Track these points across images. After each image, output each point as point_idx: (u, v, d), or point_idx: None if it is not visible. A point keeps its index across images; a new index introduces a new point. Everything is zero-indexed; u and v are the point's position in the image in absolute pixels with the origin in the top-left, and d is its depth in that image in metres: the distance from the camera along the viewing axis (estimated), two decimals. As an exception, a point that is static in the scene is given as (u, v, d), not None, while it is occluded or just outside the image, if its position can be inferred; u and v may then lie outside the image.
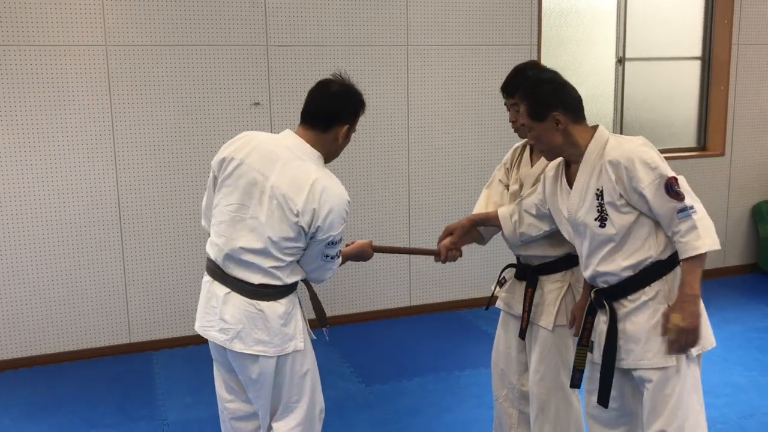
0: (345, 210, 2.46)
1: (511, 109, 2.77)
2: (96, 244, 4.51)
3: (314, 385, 2.67)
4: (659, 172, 2.24)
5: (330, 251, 2.49)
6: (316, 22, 4.77)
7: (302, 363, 2.57)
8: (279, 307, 2.46)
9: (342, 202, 2.45)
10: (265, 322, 2.45)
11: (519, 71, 2.76)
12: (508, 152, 3.00)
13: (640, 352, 2.32)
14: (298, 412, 2.61)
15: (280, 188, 2.38)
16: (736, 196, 6.19)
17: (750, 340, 4.71)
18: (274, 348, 2.48)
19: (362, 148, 4.99)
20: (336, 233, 2.45)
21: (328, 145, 2.52)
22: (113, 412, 3.86)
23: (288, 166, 2.41)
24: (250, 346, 2.46)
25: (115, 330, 4.63)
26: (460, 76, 5.17)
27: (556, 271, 2.78)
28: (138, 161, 4.53)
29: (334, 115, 2.51)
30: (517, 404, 3.01)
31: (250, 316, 2.45)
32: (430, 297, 5.34)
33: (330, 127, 2.50)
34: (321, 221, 2.38)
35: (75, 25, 4.29)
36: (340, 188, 2.47)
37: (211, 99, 4.61)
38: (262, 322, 2.45)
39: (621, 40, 5.79)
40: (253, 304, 2.45)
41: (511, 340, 2.97)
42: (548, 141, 2.40)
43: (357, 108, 2.58)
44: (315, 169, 2.43)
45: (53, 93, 4.31)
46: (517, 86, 2.70)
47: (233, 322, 2.45)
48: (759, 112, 6.13)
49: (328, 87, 2.55)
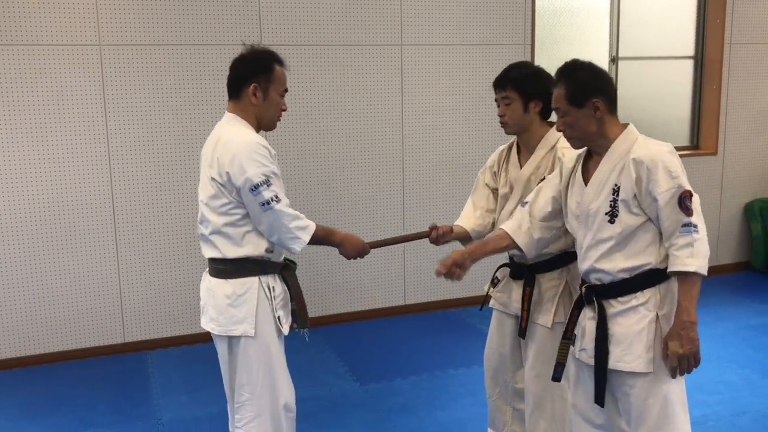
0: (254, 151, 2.47)
1: (501, 103, 2.76)
2: (90, 243, 4.51)
3: (272, 378, 2.62)
4: (678, 182, 2.24)
5: (259, 197, 2.47)
6: (310, 22, 4.77)
7: (255, 351, 2.58)
8: (227, 287, 2.58)
9: (246, 146, 2.48)
10: (215, 299, 2.60)
11: (513, 67, 2.78)
12: (493, 155, 2.99)
13: (619, 354, 2.31)
14: (253, 406, 2.60)
15: (203, 156, 2.61)
16: (728, 195, 6.23)
17: (743, 337, 4.74)
18: (220, 327, 2.60)
19: (356, 146, 5.00)
20: (251, 175, 2.44)
21: (246, 109, 2.60)
22: (108, 412, 3.86)
23: (212, 137, 2.59)
24: (206, 322, 2.66)
25: (110, 329, 4.63)
26: (454, 74, 5.19)
27: (552, 269, 2.79)
28: (132, 161, 4.52)
29: (236, 78, 2.60)
30: (510, 401, 3.03)
31: (208, 293, 2.64)
32: (424, 296, 5.35)
33: (240, 91, 2.59)
34: (228, 166, 2.47)
35: (69, 24, 4.28)
36: (247, 136, 2.51)
37: (205, 98, 4.61)
38: (213, 299, 2.61)
39: (614, 39, 5.81)
40: (211, 281, 2.63)
41: (506, 338, 2.98)
42: (583, 128, 2.34)
43: (258, 64, 2.60)
44: (227, 129, 2.56)
45: (47, 92, 4.30)
46: (510, 80, 2.72)
47: (202, 300, 2.67)
48: (751, 111, 6.16)
49: (235, 58, 2.66)
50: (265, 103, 2.59)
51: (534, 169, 2.76)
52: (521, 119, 2.74)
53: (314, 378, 4.20)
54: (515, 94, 2.71)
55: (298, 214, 2.57)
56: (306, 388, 3.90)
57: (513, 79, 2.73)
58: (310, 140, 4.87)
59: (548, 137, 2.76)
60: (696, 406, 3.80)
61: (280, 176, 2.57)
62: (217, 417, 3.72)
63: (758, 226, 6.14)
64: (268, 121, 2.64)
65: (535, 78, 2.75)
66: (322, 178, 4.95)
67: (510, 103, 2.73)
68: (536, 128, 2.77)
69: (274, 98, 2.60)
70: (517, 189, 2.81)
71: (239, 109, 2.60)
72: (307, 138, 4.86)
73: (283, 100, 2.64)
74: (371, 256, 3.00)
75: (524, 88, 2.71)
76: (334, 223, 5.00)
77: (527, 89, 2.71)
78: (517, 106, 2.72)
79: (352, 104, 4.95)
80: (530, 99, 2.72)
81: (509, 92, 2.72)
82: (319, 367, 4.36)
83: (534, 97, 2.71)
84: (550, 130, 2.77)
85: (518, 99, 2.71)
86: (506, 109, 2.74)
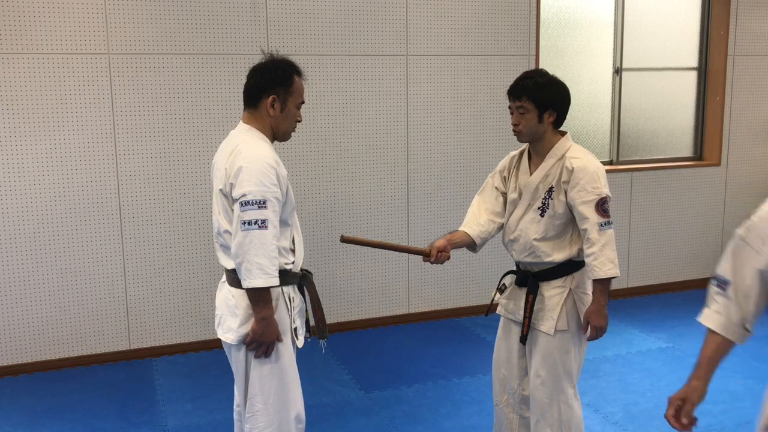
0: (260, 171, 2.41)
1: (515, 112, 2.76)
2: (97, 250, 4.53)
3: (285, 389, 2.61)
4: None
5: (244, 215, 2.38)
6: (316, 32, 4.81)
7: (271, 362, 2.56)
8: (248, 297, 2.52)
9: (256, 162, 2.43)
10: (234, 309, 2.56)
11: (528, 75, 2.78)
12: (504, 160, 3.00)
13: None
14: (264, 416, 2.58)
15: (214, 166, 2.62)
16: (731, 206, 6.24)
17: (746, 348, 4.69)
18: (239, 336, 2.54)
19: (362, 156, 5.03)
20: (247, 191, 2.38)
21: (262, 119, 2.58)
22: (114, 418, 3.87)
23: (225, 147, 2.57)
24: (223, 332, 2.60)
25: (116, 336, 4.65)
26: (459, 85, 5.22)
27: (556, 277, 2.82)
28: (140, 169, 4.55)
29: (255, 87, 2.57)
30: (517, 409, 3.05)
31: (226, 303, 2.60)
32: (428, 304, 5.36)
33: (258, 102, 2.57)
34: (233, 178, 2.44)
35: (78, 33, 4.32)
36: (260, 151, 2.47)
37: (213, 107, 4.64)
38: (232, 309, 2.57)
39: (618, 50, 5.84)
40: (231, 291, 2.58)
41: (513, 345, 3.00)
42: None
43: (278, 75, 2.56)
44: (241, 140, 2.53)
45: (55, 101, 4.34)
46: (526, 89, 2.72)
47: (218, 310, 2.65)
48: (755, 123, 6.18)
49: (253, 67, 2.63)
50: (282, 114, 2.57)
51: (543, 177, 2.78)
52: (536, 129, 2.75)
53: (319, 386, 4.21)
54: (531, 104, 2.71)
55: (274, 256, 2.43)
56: (310, 395, 3.91)
57: (529, 88, 2.72)
58: (315, 149, 4.90)
59: (559, 146, 2.78)
60: (700, 416, 3.77)
61: (282, 203, 2.50)
62: (222, 424, 3.74)
63: (761, 237, 6.14)
64: (283, 132, 2.63)
65: (551, 88, 2.75)
66: (326, 187, 4.98)
67: (525, 113, 2.73)
68: (549, 137, 2.79)
69: (292, 110, 2.59)
70: (526, 195, 2.83)
71: (255, 120, 2.58)
72: (312, 147, 4.89)
73: (299, 111, 2.63)
74: (376, 264, 3.02)
75: (540, 98, 2.71)
76: (338, 230, 5.03)
77: (543, 100, 2.71)
78: (532, 116, 2.72)
79: (357, 114, 4.98)
80: (545, 109, 2.72)
81: (524, 102, 2.72)
82: (323, 375, 4.37)
83: (549, 107, 2.73)
84: (561, 139, 2.80)
85: (534, 109, 2.72)
86: (521, 118, 2.74)
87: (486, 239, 2.96)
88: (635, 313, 5.50)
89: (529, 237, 2.80)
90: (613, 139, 5.96)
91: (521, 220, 2.84)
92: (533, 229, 2.80)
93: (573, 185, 2.68)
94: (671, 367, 4.49)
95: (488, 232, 2.95)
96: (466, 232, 2.92)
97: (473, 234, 2.92)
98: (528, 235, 2.81)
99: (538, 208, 2.78)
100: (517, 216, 2.86)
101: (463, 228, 2.95)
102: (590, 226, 2.65)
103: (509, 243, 2.92)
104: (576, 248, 2.79)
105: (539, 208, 2.78)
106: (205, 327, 4.82)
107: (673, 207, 6.04)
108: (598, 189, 2.67)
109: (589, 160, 2.72)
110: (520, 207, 2.85)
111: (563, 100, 2.77)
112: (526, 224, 2.82)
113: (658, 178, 5.95)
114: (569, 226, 2.78)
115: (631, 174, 5.86)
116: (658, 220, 6.00)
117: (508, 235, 2.91)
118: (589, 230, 2.66)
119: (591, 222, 2.65)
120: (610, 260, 2.64)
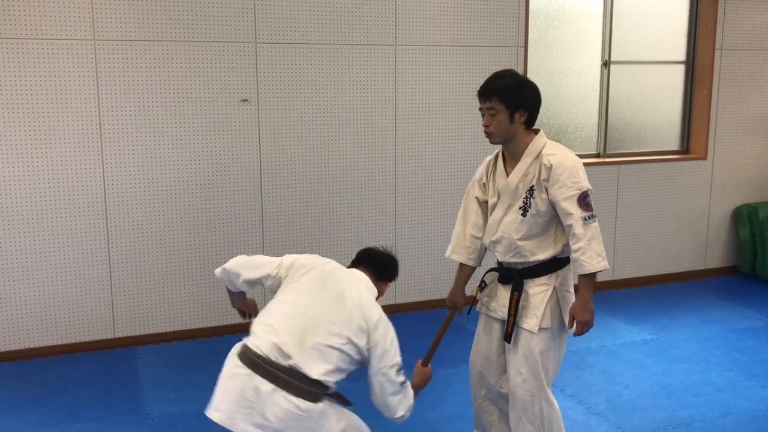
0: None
1: (486, 113, 2.75)
2: (82, 239, 4.51)
3: None
4: None
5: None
6: (305, 20, 4.78)
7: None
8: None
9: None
10: (306, 422, 2.39)
11: (498, 76, 2.76)
12: (480, 167, 3.00)
13: None
14: None
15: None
16: (717, 200, 6.28)
17: (728, 341, 4.78)
18: None
19: (348, 146, 5.02)
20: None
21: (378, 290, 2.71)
22: (97, 406, 3.86)
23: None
24: None
25: (100, 325, 4.63)
26: (448, 75, 5.21)
27: (540, 275, 2.82)
28: (124, 156, 4.53)
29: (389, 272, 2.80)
30: (496, 402, 3.07)
31: (292, 416, 2.37)
32: (415, 296, 5.37)
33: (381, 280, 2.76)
34: None
35: (63, 18, 4.28)
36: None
37: (200, 95, 4.62)
38: (304, 423, 2.38)
39: (607, 43, 5.85)
40: (296, 402, 2.37)
41: (492, 343, 3.01)
42: None
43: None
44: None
45: (39, 87, 4.30)
46: (496, 90, 2.70)
47: (273, 422, 2.36)
48: (741, 117, 6.22)
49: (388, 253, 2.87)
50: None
51: (522, 176, 2.77)
52: (507, 129, 2.74)
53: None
54: (501, 105, 2.70)
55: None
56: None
57: (499, 89, 2.70)
58: (300, 138, 4.88)
59: (534, 144, 2.77)
60: (682, 408, 3.85)
61: None
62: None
63: (746, 231, 6.20)
64: None
65: (522, 88, 2.75)
66: (312, 175, 4.97)
67: (495, 114, 2.71)
68: (521, 137, 2.77)
69: None
70: (505, 197, 2.82)
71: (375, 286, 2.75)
72: (298, 136, 4.87)
73: None
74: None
75: (510, 99, 2.70)
76: (325, 220, 5.02)
77: (513, 100, 2.70)
78: (503, 117, 2.71)
79: (344, 103, 4.97)
80: (516, 109, 2.71)
81: (495, 103, 2.71)
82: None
83: (520, 108, 2.72)
84: (534, 137, 2.79)
85: (504, 110, 2.70)
86: (491, 119, 2.73)
87: (480, 252, 3.04)
88: (621, 305, 5.53)
89: (512, 237, 2.80)
90: (600, 132, 5.97)
91: (501, 221, 2.83)
92: (515, 229, 2.79)
93: (553, 182, 2.68)
94: (655, 358, 4.52)
95: (476, 249, 3.02)
96: (460, 262, 3.06)
97: (464, 260, 3.04)
98: (511, 236, 2.80)
99: (520, 208, 2.77)
100: (497, 217, 2.85)
101: (454, 256, 3.07)
102: (574, 221, 2.65)
103: (492, 244, 2.91)
104: (561, 245, 2.79)
105: (521, 208, 2.77)
106: (189, 316, 4.81)
107: (660, 200, 6.06)
108: (579, 183, 2.67)
109: (566, 156, 2.72)
110: (499, 208, 2.84)
111: (534, 100, 2.76)
112: (507, 225, 2.81)
113: (644, 171, 5.98)
114: (552, 223, 2.77)
115: (618, 167, 5.88)
116: (645, 213, 6.03)
117: (490, 236, 2.90)
118: (574, 225, 2.65)
119: (575, 217, 2.65)
120: (597, 253, 2.64)
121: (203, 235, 4.76)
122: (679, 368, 4.36)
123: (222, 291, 3.35)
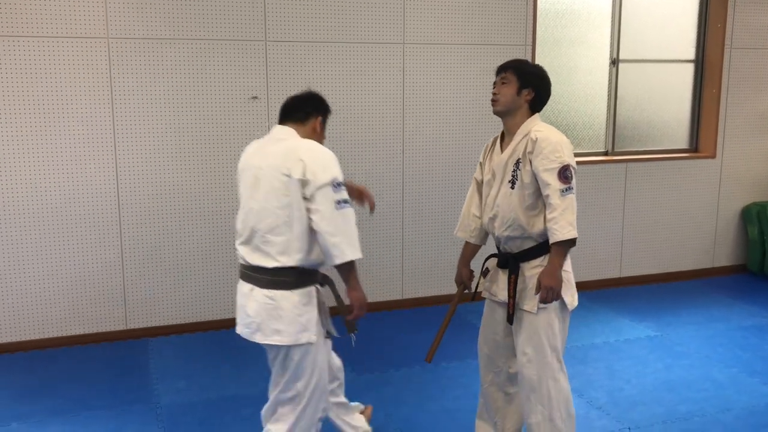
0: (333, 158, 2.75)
1: (498, 83, 2.93)
2: (95, 231, 4.61)
3: (323, 382, 2.81)
4: None
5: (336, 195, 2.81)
6: (314, 19, 4.85)
7: (312, 357, 2.74)
8: (294, 297, 2.68)
9: (326, 152, 2.78)
10: (281, 311, 2.66)
11: (519, 59, 3.02)
12: (482, 150, 3.14)
13: None
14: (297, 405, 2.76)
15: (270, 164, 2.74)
16: (726, 198, 6.28)
17: (733, 338, 4.80)
18: (288, 337, 2.66)
19: (357, 144, 5.08)
20: (336, 174, 2.74)
21: (308, 135, 2.85)
22: (106, 395, 3.95)
23: (275, 145, 2.77)
24: (264, 337, 2.68)
25: (113, 316, 4.73)
26: (456, 74, 5.26)
27: (535, 257, 2.90)
28: (137, 151, 4.62)
29: (309, 109, 2.90)
30: (502, 386, 3.18)
31: (266, 307, 2.68)
32: (421, 291, 5.43)
33: (307, 119, 2.86)
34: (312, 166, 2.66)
35: (77, 16, 4.38)
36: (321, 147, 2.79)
37: (210, 92, 4.70)
38: (278, 311, 2.66)
39: (615, 41, 5.87)
40: (269, 294, 2.67)
41: (497, 325, 3.10)
42: None
43: (325, 104, 2.96)
44: (301, 140, 2.79)
45: (53, 85, 4.39)
46: (512, 63, 2.93)
47: (252, 317, 2.71)
48: (750, 116, 6.21)
49: (299, 94, 2.93)
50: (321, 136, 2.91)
51: (511, 152, 2.89)
52: (512, 101, 2.89)
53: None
54: (513, 76, 2.89)
55: None
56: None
57: (515, 64, 2.93)
58: (311, 135, 4.94)
59: (527, 124, 2.90)
60: (682, 403, 3.88)
61: None
62: (215, 403, 3.82)
63: (754, 229, 6.20)
64: None
65: (536, 71, 2.95)
66: (322, 173, 5.03)
67: (506, 83, 2.89)
68: (522, 114, 2.91)
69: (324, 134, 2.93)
70: (498, 173, 2.94)
71: (302, 132, 2.83)
72: (308, 133, 4.93)
73: None
74: (370, 251, 3.11)
75: (523, 74, 2.89)
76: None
77: (525, 75, 2.89)
78: (511, 87, 2.88)
79: (353, 100, 5.03)
80: (526, 85, 2.88)
81: (508, 73, 2.90)
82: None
83: (529, 85, 2.88)
84: (531, 118, 2.91)
85: (515, 82, 2.88)
86: (501, 87, 2.90)
87: (481, 231, 3.16)
88: (626, 303, 5.56)
89: (505, 211, 2.90)
90: (608, 130, 6.00)
91: (497, 197, 2.94)
92: (506, 202, 2.90)
93: (536, 154, 2.78)
94: (658, 354, 4.55)
95: (477, 227, 3.15)
96: (465, 240, 3.20)
97: (467, 237, 3.18)
98: (504, 210, 2.91)
99: (509, 182, 2.89)
100: (493, 194, 2.97)
101: (459, 234, 3.23)
102: (552, 191, 2.75)
103: (489, 221, 3.02)
104: None
105: (510, 181, 2.89)
106: (201, 308, 4.90)
107: (668, 198, 6.08)
108: (561, 158, 2.75)
109: (552, 132, 2.84)
110: (494, 186, 2.96)
111: (543, 85, 2.93)
112: (501, 199, 2.93)
113: (653, 169, 5.99)
114: (540, 199, 2.85)
115: (626, 165, 5.90)
116: (653, 211, 6.04)
117: (487, 213, 3.02)
118: (551, 195, 2.75)
119: (552, 188, 2.74)
120: (569, 222, 2.74)
121: (215, 229, 4.84)
122: (681, 364, 4.39)
123: (232, 284, 3.40)
